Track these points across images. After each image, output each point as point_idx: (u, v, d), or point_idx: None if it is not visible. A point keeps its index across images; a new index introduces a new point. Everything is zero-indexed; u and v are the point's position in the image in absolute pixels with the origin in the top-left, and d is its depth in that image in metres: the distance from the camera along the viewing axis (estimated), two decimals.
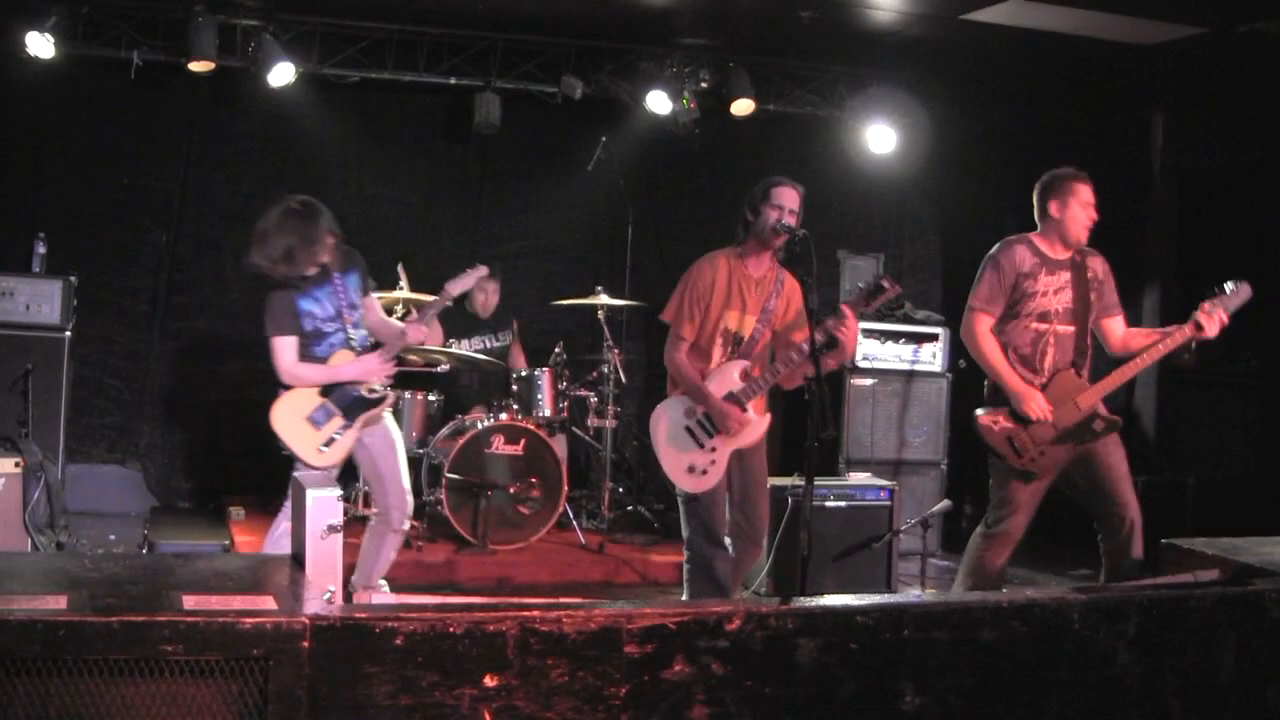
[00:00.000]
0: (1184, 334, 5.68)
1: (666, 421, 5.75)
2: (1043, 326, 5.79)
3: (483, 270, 6.09)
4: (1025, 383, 5.74)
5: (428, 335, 5.87)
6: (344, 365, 5.75)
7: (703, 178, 9.71)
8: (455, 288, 6.02)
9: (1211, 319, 5.65)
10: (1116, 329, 5.91)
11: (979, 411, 5.86)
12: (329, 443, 5.71)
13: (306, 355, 5.74)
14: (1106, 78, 8.64)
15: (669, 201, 9.72)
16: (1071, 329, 5.80)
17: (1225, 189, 8.24)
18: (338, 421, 5.73)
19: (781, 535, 6.39)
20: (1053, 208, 5.81)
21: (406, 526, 6.14)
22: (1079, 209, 5.77)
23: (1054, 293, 5.79)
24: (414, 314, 5.85)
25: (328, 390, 5.74)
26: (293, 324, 5.68)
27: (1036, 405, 5.68)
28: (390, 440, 6.01)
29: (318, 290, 5.73)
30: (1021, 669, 3.88)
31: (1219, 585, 4.32)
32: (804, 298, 5.59)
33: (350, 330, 5.82)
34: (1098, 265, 5.90)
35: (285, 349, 5.67)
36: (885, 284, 5.59)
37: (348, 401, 5.76)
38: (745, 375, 5.71)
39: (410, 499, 6.11)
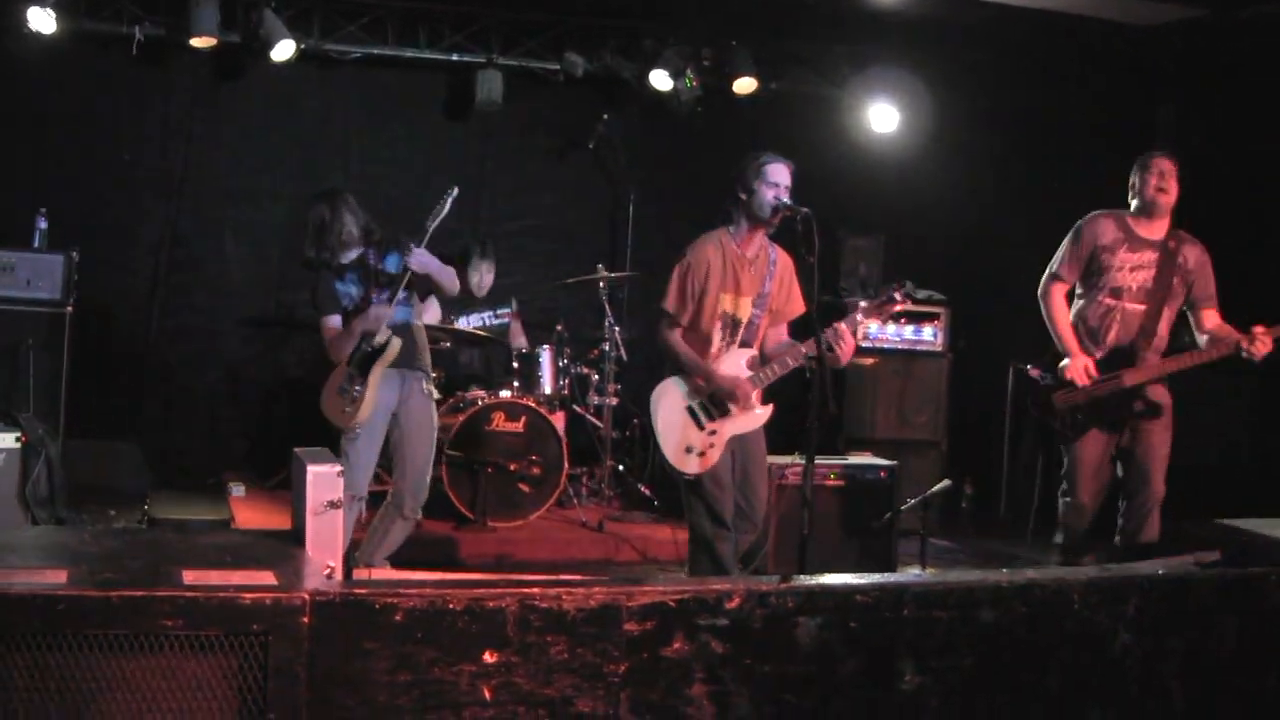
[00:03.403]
0: (1230, 350, 5.74)
1: (667, 400, 5.65)
2: (1112, 302, 5.88)
3: (454, 191, 6.16)
4: (1084, 351, 5.88)
5: (428, 261, 6.03)
6: (354, 322, 6.04)
7: (704, 156, 9.63)
8: (432, 221, 6.13)
9: (1261, 346, 5.68)
10: (1209, 321, 5.95)
11: (1030, 365, 6.07)
12: (352, 402, 5.99)
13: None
14: (1110, 58, 8.60)
15: (670, 180, 9.67)
16: (1141, 308, 5.86)
17: (1229, 172, 8.20)
18: (356, 381, 5.99)
19: (781, 514, 6.37)
20: (1134, 181, 5.93)
21: (418, 516, 6.27)
22: (1154, 179, 5.86)
23: (1130, 270, 5.86)
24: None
25: (350, 360, 6.04)
26: (333, 304, 6.08)
27: (1078, 368, 5.84)
28: (424, 426, 6.19)
29: (351, 274, 6.09)
30: (1021, 649, 3.88)
31: (1219, 567, 4.33)
32: (799, 272, 5.68)
33: None
34: (1191, 254, 5.91)
35: (328, 327, 6.11)
36: (898, 295, 5.57)
37: (360, 361, 6.02)
38: (753, 364, 5.65)
39: (426, 491, 6.23)
